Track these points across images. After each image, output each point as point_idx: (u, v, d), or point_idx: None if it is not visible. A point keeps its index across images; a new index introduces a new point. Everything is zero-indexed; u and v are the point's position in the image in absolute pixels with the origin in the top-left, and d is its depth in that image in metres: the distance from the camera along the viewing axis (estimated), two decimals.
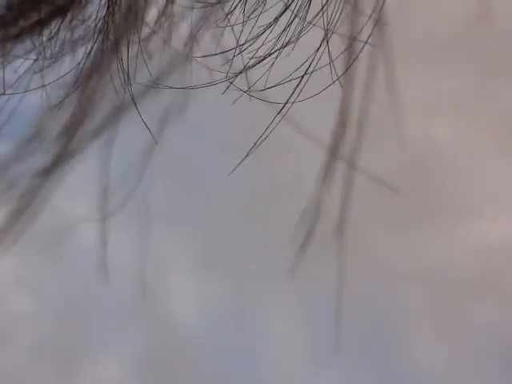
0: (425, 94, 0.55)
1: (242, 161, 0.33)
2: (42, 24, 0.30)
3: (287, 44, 0.28)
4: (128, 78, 0.31)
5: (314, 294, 0.59)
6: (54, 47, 0.32)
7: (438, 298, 0.58)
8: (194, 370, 0.57)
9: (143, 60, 0.32)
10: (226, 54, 0.28)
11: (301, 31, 0.28)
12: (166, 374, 0.57)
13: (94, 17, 0.31)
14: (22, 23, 0.30)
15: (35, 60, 0.32)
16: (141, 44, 0.31)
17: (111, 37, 0.30)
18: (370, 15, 0.26)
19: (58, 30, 0.31)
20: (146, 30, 0.31)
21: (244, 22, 0.28)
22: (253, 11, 0.29)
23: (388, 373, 0.58)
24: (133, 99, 0.31)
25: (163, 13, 0.31)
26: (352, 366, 0.58)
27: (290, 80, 0.29)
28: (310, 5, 0.29)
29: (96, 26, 0.31)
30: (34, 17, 0.30)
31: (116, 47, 0.30)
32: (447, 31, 0.53)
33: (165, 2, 0.31)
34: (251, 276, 0.57)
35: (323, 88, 0.29)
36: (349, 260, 0.56)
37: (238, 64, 0.30)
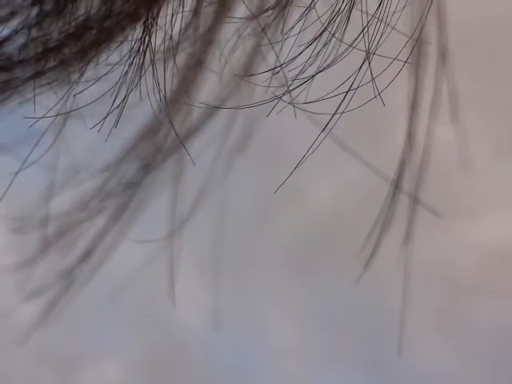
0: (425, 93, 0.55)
1: (285, 180, 0.33)
2: (82, 54, 0.30)
3: (330, 65, 0.28)
4: (164, 91, 0.31)
5: (314, 294, 0.59)
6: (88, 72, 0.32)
7: (438, 298, 0.59)
8: (194, 372, 0.57)
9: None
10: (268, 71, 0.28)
11: (343, 53, 0.28)
12: (167, 375, 0.57)
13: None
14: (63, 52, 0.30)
15: (73, 83, 0.32)
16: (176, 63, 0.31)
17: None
18: (411, 36, 0.26)
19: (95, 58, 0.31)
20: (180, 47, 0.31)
21: (283, 41, 0.28)
22: (290, 29, 0.29)
23: (388, 373, 0.58)
24: (170, 122, 0.31)
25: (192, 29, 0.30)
26: (352, 366, 0.59)
27: (333, 96, 0.29)
28: (347, 24, 0.29)
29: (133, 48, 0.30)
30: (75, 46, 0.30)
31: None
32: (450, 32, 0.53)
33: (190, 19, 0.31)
34: (252, 278, 0.57)
35: (365, 102, 0.30)
36: (349, 260, 0.57)
37: (278, 81, 0.30)
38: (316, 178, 0.57)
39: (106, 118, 0.30)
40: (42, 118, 0.33)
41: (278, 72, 0.29)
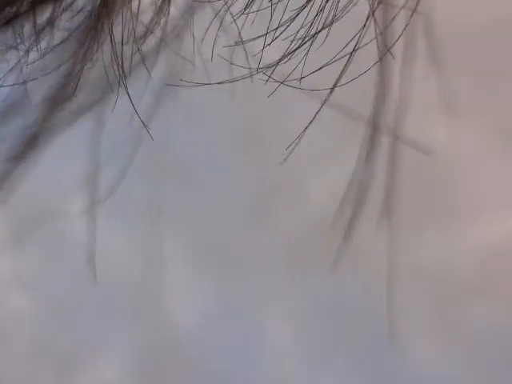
0: (425, 94, 0.55)
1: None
2: (30, 13, 0.29)
3: (331, 23, 0.27)
4: (123, 70, 0.30)
5: (314, 294, 0.58)
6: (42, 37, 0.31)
7: (437, 298, 0.58)
8: (191, 371, 0.56)
9: (141, 57, 0.31)
10: (249, 44, 0.27)
11: (346, 7, 0.27)
12: (163, 374, 0.56)
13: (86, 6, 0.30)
14: (9, 11, 0.29)
15: (26, 51, 0.31)
16: (137, 40, 0.30)
17: (103, 18, 0.29)
18: None
19: (48, 19, 0.30)
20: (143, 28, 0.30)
21: (272, 6, 0.27)
22: None
23: (388, 373, 0.57)
24: (127, 92, 0.30)
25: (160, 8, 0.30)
26: (351, 366, 0.58)
27: (329, 63, 0.28)
28: None
29: (89, 15, 0.30)
30: (22, 5, 0.29)
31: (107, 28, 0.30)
32: (448, 31, 0.53)
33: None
34: (250, 276, 0.56)
35: (371, 65, 0.29)
36: (349, 260, 0.56)
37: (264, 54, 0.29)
38: (315, 174, 0.57)
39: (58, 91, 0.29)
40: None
41: (270, 44, 0.28)
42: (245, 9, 0.27)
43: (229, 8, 0.27)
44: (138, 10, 0.30)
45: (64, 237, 0.50)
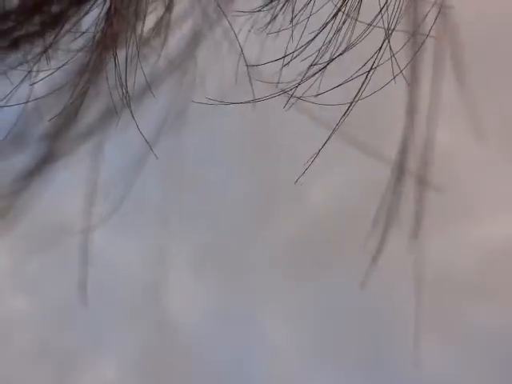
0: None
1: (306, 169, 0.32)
2: (37, 34, 0.29)
3: (350, 47, 0.27)
4: (126, 86, 0.30)
5: (313, 295, 0.58)
6: (49, 58, 0.31)
7: (438, 299, 0.58)
8: (191, 371, 0.56)
9: (142, 70, 0.31)
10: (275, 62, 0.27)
11: (362, 33, 0.27)
12: (163, 375, 0.56)
13: (91, 28, 0.30)
14: (16, 33, 0.29)
15: (29, 71, 0.31)
16: (139, 52, 0.29)
17: (108, 42, 0.29)
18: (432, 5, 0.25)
19: (54, 40, 0.29)
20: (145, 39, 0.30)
21: (293, 27, 0.27)
22: (298, 14, 0.28)
23: (388, 373, 0.58)
24: (129, 106, 0.30)
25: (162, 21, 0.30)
26: (352, 366, 0.58)
27: (353, 78, 0.28)
28: (361, 4, 0.28)
29: (94, 37, 0.29)
30: (30, 27, 0.29)
31: (111, 52, 0.29)
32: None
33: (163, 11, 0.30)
34: (250, 278, 0.56)
35: (386, 82, 0.29)
36: (349, 260, 0.56)
37: (285, 72, 0.29)
38: (316, 174, 0.57)
39: (63, 111, 0.29)
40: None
41: (288, 63, 0.28)
42: (266, 26, 0.27)
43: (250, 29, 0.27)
44: (142, 32, 0.29)
45: (65, 239, 0.50)
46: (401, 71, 0.27)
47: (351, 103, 0.27)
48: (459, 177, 0.57)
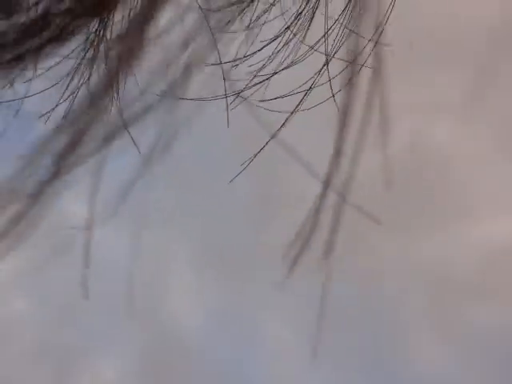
0: (425, 95, 0.54)
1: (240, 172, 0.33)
2: (41, 48, 0.30)
3: (291, 64, 0.29)
4: (117, 92, 0.31)
5: (313, 295, 0.59)
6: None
7: (438, 299, 0.58)
8: (192, 371, 0.58)
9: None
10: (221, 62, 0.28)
11: (304, 54, 0.28)
12: (163, 374, 0.57)
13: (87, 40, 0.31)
14: (22, 46, 0.30)
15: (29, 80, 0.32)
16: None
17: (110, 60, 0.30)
18: (370, 39, 0.26)
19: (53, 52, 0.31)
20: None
21: (248, 30, 0.28)
22: (255, 20, 0.29)
23: (388, 373, 0.58)
24: (121, 114, 0.31)
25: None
26: (352, 365, 0.59)
27: (294, 93, 0.29)
28: (309, 26, 0.29)
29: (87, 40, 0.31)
30: (35, 40, 0.30)
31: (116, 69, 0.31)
32: (448, 32, 0.52)
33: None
34: (249, 279, 0.57)
35: (321, 101, 0.30)
36: (349, 260, 0.56)
37: (233, 75, 0.30)
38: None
39: (54, 108, 0.30)
40: None
41: (237, 65, 0.29)
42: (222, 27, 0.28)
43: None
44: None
45: (66, 239, 0.51)
46: (333, 95, 0.28)
47: (290, 114, 0.28)
48: (459, 177, 0.57)
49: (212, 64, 0.29)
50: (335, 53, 0.28)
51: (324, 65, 0.28)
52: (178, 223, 0.52)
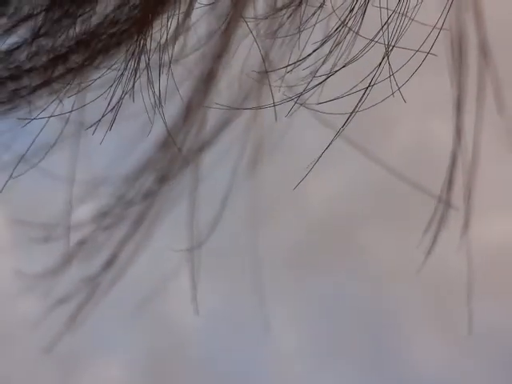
0: (424, 94, 0.55)
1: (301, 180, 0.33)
2: (87, 62, 0.29)
3: (350, 62, 0.28)
4: (159, 99, 0.30)
5: (314, 295, 0.59)
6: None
7: (437, 299, 0.59)
8: (195, 371, 0.57)
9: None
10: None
11: (363, 49, 0.28)
12: (166, 375, 0.57)
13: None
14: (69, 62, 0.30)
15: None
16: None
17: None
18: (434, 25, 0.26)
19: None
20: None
21: (299, 34, 0.28)
22: (304, 23, 0.28)
23: (388, 373, 0.58)
24: (164, 122, 0.31)
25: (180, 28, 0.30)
26: (352, 366, 0.59)
27: (350, 94, 0.28)
28: (363, 19, 0.28)
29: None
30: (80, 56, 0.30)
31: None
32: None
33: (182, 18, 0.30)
34: (253, 278, 0.57)
35: (384, 98, 0.29)
36: (349, 261, 0.56)
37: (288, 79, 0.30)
38: (314, 177, 0.57)
39: (100, 120, 0.30)
40: (34, 119, 0.32)
41: (291, 70, 0.28)
42: (273, 33, 0.28)
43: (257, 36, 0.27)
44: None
45: (67, 238, 0.50)
46: (398, 88, 0.28)
47: (350, 114, 0.28)
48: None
49: (266, 71, 0.29)
50: (395, 43, 0.28)
51: (384, 57, 0.28)
52: (177, 224, 0.51)
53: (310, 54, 0.28)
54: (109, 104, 0.31)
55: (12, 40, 0.29)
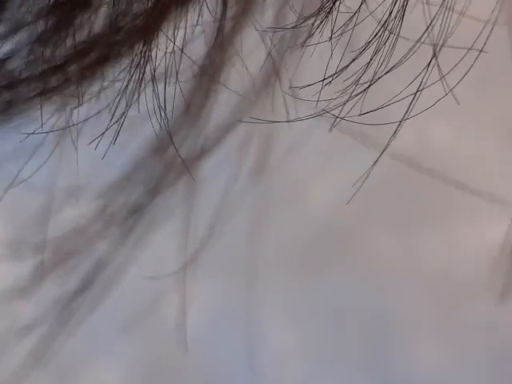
0: (423, 94, 0.54)
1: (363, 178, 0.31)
2: (87, 72, 0.28)
3: (397, 65, 0.26)
4: (165, 111, 0.29)
5: (314, 295, 0.58)
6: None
7: (437, 299, 0.58)
8: (194, 373, 0.56)
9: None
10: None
11: (409, 51, 0.26)
12: (164, 377, 0.56)
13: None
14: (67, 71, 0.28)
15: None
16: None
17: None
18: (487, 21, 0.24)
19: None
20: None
21: (336, 42, 0.26)
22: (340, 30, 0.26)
23: (388, 374, 0.57)
24: (169, 134, 0.29)
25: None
26: (352, 366, 0.58)
27: (396, 101, 0.26)
28: (403, 20, 0.27)
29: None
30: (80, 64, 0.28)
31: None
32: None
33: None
34: (252, 278, 0.56)
35: (436, 101, 0.27)
36: (349, 261, 0.56)
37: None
38: (316, 176, 0.56)
39: (103, 133, 0.28)
40: (33, 133, 0.31)
41: (329, 83, 0.26)
42: (302, 44, 0.26)
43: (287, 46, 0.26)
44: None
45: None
46: (450, 90, 0.26)
47: (399, 123, 0.26)
48: (459, 177, 0.57)
49: (303, 86, 0.26)
50: (444, 42, 0.26)
51: (432, 57, 0.26)
52: (176, 224, 0.49)
53: (349, 64, 0.26)
54: (113, 116, 0.29)
55: (8, 47, 0.28)
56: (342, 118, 0.25)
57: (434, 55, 0.26)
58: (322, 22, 0.27)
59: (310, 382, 0.58)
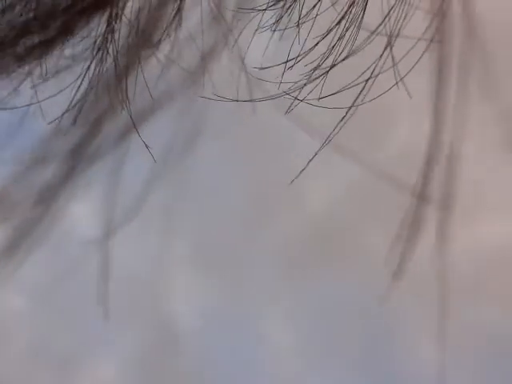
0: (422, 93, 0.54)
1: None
2: (47, 44, 0.28)
3: (352, 53, 0.27)
4: (127, 97, 0.30)
5: (313, 295, 0.58)
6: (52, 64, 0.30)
7: (437, 300, 0.58)
8: (191, 371, 0.56)
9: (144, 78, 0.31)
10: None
11: (366, 40, 0.27)
12: (163, 375, 0.56)
13: (93, 33, 0.29)
14: (25, 43, 0.28)
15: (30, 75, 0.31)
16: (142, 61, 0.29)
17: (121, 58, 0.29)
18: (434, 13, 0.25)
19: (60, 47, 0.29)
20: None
21: (299, 27, 0.27)
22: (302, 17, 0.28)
23: (387, 374, 0.58)
24: (132, 118, 0.30)
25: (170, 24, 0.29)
26: (352, 366, 0.58)
27: (350, 87, 0.27)
28: (364, 11, 0.28)
29: (95, 42, 0.29)
30: (39, 36, 0.28)
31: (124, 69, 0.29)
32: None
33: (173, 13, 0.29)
34: (250, 278, 0.57)
35: (387, 89, 0.28)
36: (349, 261, 0.56)
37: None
38: (314, 178, 0.56)
39: (64, 114, 0.29)
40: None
41: (292, 66, 0.27)
42: (271, 26, 0.27)
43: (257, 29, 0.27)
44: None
45: (66, 237, 0.49)
46: (401, 79, 0.27)
47: (348, 109, 0.27)
48: (459, 176, 0.57)
49: (265, 67, 0.28)
50: (398, 32, 0.27)
51: (386, 47, 0.27)
52: (177, 222, 0.50)
53: (312, 48, 0.27)
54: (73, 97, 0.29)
55: None
56: (301, 101, 0.27)
57: (389, 45, 0.27)
58: (290, 7, 0.28)
59: (308, 381, 0.58)
